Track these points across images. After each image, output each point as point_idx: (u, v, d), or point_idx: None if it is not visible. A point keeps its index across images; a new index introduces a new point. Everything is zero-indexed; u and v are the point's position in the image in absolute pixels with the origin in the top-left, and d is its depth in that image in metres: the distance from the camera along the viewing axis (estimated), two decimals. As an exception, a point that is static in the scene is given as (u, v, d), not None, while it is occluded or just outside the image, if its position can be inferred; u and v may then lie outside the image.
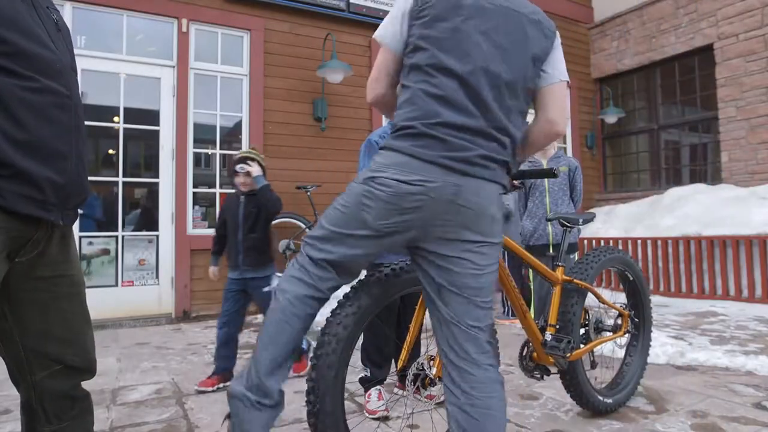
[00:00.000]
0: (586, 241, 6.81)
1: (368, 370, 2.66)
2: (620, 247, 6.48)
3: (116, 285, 5.10)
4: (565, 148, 8.02)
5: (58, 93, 1.20)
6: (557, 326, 2.28)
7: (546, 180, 3.46)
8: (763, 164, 6.44)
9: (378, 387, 2.59)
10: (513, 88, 1.49)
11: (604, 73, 8.48)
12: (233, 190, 3.21)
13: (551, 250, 3.81)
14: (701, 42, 7.10)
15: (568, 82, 1.62)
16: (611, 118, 8.12)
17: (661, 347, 3.49)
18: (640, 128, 8.25)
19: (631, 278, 2.69)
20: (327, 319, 1.59)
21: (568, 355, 2.16)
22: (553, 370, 2.30)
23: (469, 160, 1.42)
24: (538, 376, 2.27)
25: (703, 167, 7.50)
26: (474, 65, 1.44)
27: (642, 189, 8.00)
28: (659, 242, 6.13)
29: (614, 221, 6.99)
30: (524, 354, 2.26)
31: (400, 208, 1.42)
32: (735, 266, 5.46)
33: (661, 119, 7.98)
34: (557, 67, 1.60)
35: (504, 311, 5.07)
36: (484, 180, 1.44)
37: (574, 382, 2.32)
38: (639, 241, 6.35)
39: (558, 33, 1.62)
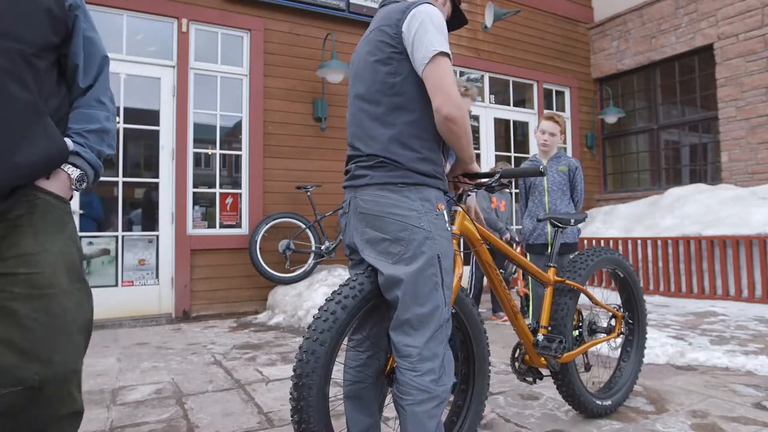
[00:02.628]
0: (586, 242, 6.81)
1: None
2: (620, 247, 6.49)
3: (116, 285, 5.10)
4: (565, 148, 8.02)
5: None
6: (549, 327, 2.26)
7: (545, 179, 3.45)
8: (763, 164, 6.45)
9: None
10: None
11: (604, 73, 8.48)
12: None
13: (550, 249, 3.81)
14: (701, 42, 7.10)
15: None
16: (611, 118, 8.13)
17: (661, 347, 3.49)
18: (640, 128, 8.25)
19: (625, 279, 2.66)
20: (326, 298, 1.59)
21: (560, 356, 2.14)
22: (546, 373, 2.28)
23: None
24: (530, 380, 2.26)
25: (703, 167, 7.50)
26: None
27: (642, 189, 8.01)
28: (659, 242, 6.13)
29: (614, 221, 6.99)
30: (516, 356, 2.24)
31: None
32: (735, 266, 5.46)
33: (661, 119, 7.98)
34: None
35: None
36: None
37: (566, 382, 2.30)
38: (639, 241, 6.35)
39: None
